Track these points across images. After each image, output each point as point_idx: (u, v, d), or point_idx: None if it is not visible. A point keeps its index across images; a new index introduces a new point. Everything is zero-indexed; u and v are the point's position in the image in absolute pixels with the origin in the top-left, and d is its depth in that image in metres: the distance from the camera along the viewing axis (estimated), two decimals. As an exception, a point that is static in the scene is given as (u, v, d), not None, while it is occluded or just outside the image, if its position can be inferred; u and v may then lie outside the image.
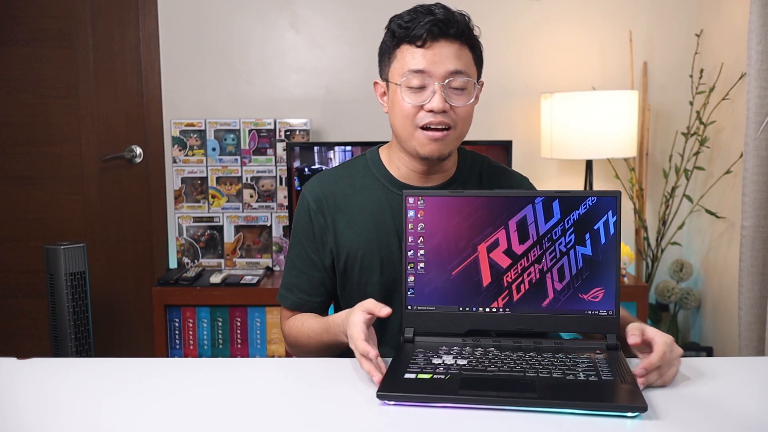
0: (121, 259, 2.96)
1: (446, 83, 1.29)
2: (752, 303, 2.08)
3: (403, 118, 1.32)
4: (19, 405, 1.09)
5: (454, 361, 1.15)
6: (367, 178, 1.43)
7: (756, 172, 2.03)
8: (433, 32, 1.28)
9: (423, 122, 1.31)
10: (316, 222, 1.41)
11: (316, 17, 2.86)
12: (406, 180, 1.41)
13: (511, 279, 1.25)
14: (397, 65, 1.33)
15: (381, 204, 1.40)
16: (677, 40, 2.82)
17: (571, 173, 2.89)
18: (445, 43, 1.29)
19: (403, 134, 1.34)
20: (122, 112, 2.90)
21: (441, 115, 1.30)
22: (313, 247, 1.42)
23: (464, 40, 1.31)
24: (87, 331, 2.53)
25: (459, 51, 1.30)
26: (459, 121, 1.32)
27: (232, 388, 1.14)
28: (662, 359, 1.10)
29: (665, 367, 1.11)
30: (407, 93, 1.31)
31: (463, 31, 1.30)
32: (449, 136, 1.32)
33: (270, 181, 2.82)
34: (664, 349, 1.10)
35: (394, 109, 1.34)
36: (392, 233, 1.39)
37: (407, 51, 1.31)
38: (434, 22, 1.28)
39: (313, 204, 1.42)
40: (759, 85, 2.00)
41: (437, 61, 1.28)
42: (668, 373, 1.11)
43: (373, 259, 1.39)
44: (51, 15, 2.83)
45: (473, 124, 1.38)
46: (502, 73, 2.84)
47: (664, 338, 1.12)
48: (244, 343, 2.69)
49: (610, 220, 1.24)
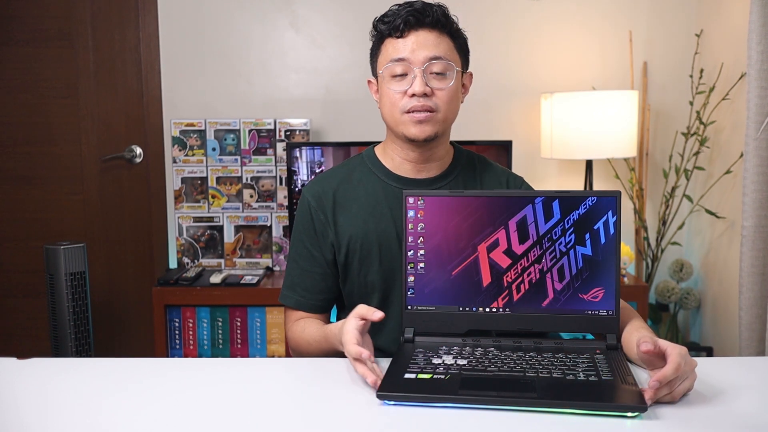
0: (121, 259, 2.96)
1: (425, 68, 1.35)
2: (752, 303, 2.08)
3: (390, 106, 1.38)
4: (19, 405, 1.09)
5: (454, 361, 1.15)
6: (364, 173, 1.46)
7: (756, 172, 2.03)
8: (410, 21, 1.36)
9: (407, 107, 1.36)
10: (317, 218, 1.44)
11: (316, 17, 2.86)
12: (400, 171, 1.44)
13: (511, 279, 1.25)
14: (381, 58, 1.41)
15: (377, 196, 1.43)
16: (677, 40, 2.82)
17: (571, 173, 2.89)
18: (422, 32, 1.36)
19: (392, 121, 1.40)
20: (122, 112, 2.90)
21: (423, 99, 1.35)
22: (315, 242, 1.44)
23: (441, 28, 1.38)
24: (87, 331, 2.53)
25: (437, 39, 1.37)
26: (441, 104, 1.37)
27: (232, 388, 1.14)
28: (677, 371, 1.03)
29: (677, 381, 1.05)
30: (391, 81, 1.38)
31: (438, 20, 1.37)
32: (433, 118, 1.36)
33: (270, 181, 2.82)
34: (679, 361, 1.04)
35: (383, 99, 1.41)
36: (389, 222, 1.41)
37: (389, 43, 1.39)
38: (411, 12, 1.36)
39: (313, 202, 1.45)
40: (759, 85, 2.00)
41: (416, 49, 1.35)
42: (679, 389, 1.05)
43: (371, 248, 1.41)
44: (51, 15, 2.83)
45: (474, 123, 1.39)
46: (502, 73, 2.84)
47: (678, 349, 1.06)
48: (244, 343, 2.69)
49: (610, 220, 1.24)
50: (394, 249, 1.40)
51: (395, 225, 1.41)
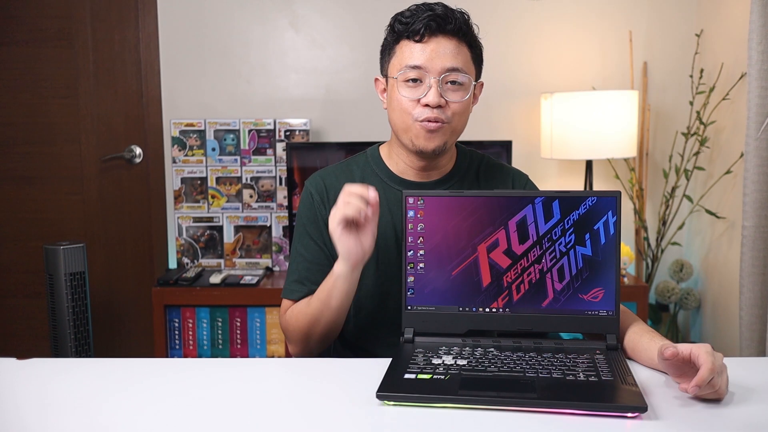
0: (121, 259, 2.96)
1: (442, 78, 1.31)
2: (753, 303, 2.08)
3: (400, 112, 1.34)
4: (18, 405, 1.09)
5: (453, 362, 1.15)
6: (367, 173, 1.45)
7: (757, 173, 2.03)
8: (431, 27, 1.30)
9: (419, 117, 1.32)
10: (320, 213, 1.42)
11: (316, 17, 2.86)
12: (403, 175, 1.43)
13: (511, 279, 1.25)
14: (396, 60, 1.35)
15: (378, 197, 1.40)
16: (677, 40, 2.82)
17: (571, 173, 2.89)
18: (442, 39, 1.31)
19: (400, 127, 1.36)
20: (122, 112, 2.90)
21: (437, 111, 1.31)
22: (320, 235, 1.42)
23: (462, 37, 1.33)
24: (87, 331, 2.53)
25: (457, 48, 1.32)
26: (454, 116, 1.34)
27: (232, 388, 1.14)
28: (712, 371, 1.01)
29: (716, 377, 1.02)
30: (404, 87, 1.33)
31: (460, 28, 1.32)
32: (443, 129, 1.33)
33: (270, 181, 2.82)
34: (711, 360, 1.02)
35: (392, 104, 1.36)
36: (389, 228, 1.40)
37: (406, 46, 1.34)
38: (432, 17, 1.30)
39: (316, 195, 1.43)
40: (759, 85, 2.00)
41: (434, 57, 1.31)
42: (722, 384, 1.03)
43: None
44: (51, 15, 2.83)
45: (473, 123, 1.39)
46: (502, 73, 2.84)
47: (704, 348, 1.04)
48: (243, 343, 2.69)
49: (610, 220, 1.24)
50: (392, 254, 1.39)
51: (395, 229, 1.40)
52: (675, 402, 1.06)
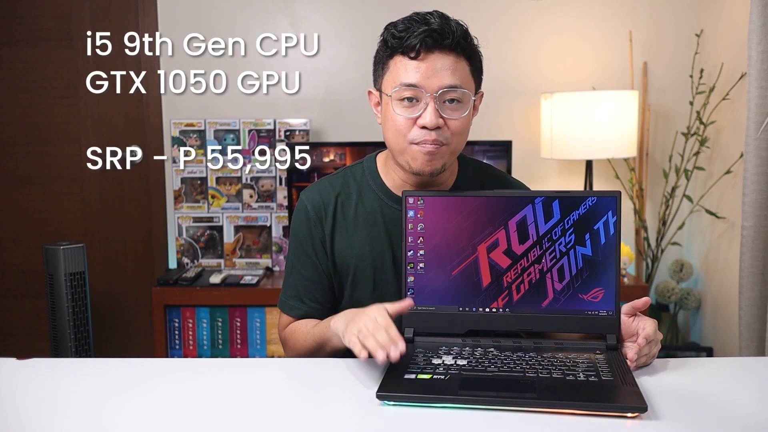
0: (121, 259, 2.96)
1: (439, 96, 1.23)
2: (753, 303, 2.08)
3: (395, 133, 1.27)
4: (18, 405, 1.09)
5: (453, 362, 1.15)
6: (364, 187, 1.39)
7: (756, 173, 2.03)
8: (427, 43, 1.22)
9: (416, 139, 1.25)
10: (316, 232, 1.38)
11: (316, 17, 2.86)
12: (400, 192, 1.36)
13: (511, 279, 1.25)
14: (390, 77, 1.27)
15: (375, 216, 1.37)
16: (677, 40, 2.82)
17: (571, 173, 2.89)
18: (439, 55, 1.23)
19: (396, 148, 1.29)
20: (122, 113, 2.90)
21: (435, 132, 1.24)
22: (317, 254, 1.38)
23: (460, 51, 1.24)
24: (87, 331, 2.53)
25: (455, 63, 1.24)
26: (453, 137, 1.26)
27: (232, 388, 1.14)
28: (656, 333, 1.19)
29: (654, 343, 1.19)
30: (399, 106, 1.25)
31: (458, 42, 1.23)
32: (442, 151, 1.26)
33: (270, 181, 2.82)
34: (655, 322, 1.21)
35: (387, 123, 1.29)
36: (386, 246, 1.36)
37: (400, 62, 1.25)
38: (428, 32, 1.21)
39: (312, 213, 1.38)
40: (759, 85, 2.00)
41: (431, 75, 1.23)
42: (654, 350, 1.20)
43: (366, 273, 1.36)
44: (51, 15, 2.83)
45: (473, 123, 1.37)
46: (502, 73, 2.84)
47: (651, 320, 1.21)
48: (243, 343, 2.69)
49: (610, 220, 1.24)
50: (389, 274, 1.36)
51: (392, 248, 1.35)
52: (675, 402, 1.06)
